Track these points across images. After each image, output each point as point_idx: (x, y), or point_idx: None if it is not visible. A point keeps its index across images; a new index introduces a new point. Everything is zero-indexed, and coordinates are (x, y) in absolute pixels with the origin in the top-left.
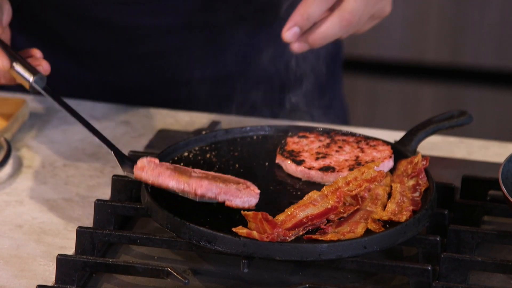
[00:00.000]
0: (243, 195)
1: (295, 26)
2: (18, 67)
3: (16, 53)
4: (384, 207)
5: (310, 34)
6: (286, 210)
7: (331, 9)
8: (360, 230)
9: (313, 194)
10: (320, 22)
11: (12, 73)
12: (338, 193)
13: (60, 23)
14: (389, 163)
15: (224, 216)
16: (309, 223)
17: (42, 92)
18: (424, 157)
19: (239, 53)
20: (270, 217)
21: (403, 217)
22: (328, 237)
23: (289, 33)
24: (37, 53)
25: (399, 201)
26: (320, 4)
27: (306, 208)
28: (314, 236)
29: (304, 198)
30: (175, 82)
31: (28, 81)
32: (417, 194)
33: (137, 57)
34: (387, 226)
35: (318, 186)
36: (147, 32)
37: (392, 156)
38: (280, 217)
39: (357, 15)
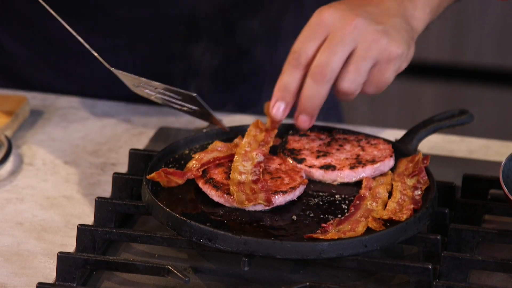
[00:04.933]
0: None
1: (277, 102)
2: None
3: None
4: (385, 205)
5: (299, 102)
6: (193, 155)
7: None
8: (361, 228)
9: (217, 143)
10: (302, 88)
11: None
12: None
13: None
14: (389, 162)
15: (225, 214)
16: (217, 162)
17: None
18: (424, 156)
19: (242, 47)
20: (171, 170)
21: (404, 216)
22: (329, 235)
23: (275, 110)
24: None
25: (400, 200)
26: (291, 72)
27: (212, 153)
28: (315, 235)
29: (210, 147)
30: (175, 78)
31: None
32: (418, 192)
33: (136, 46)
34: (388, 224)
35: (319, 184)
36: (149, 22)
37: (393, 155)
38: (190, 163)
39: (328, 66)
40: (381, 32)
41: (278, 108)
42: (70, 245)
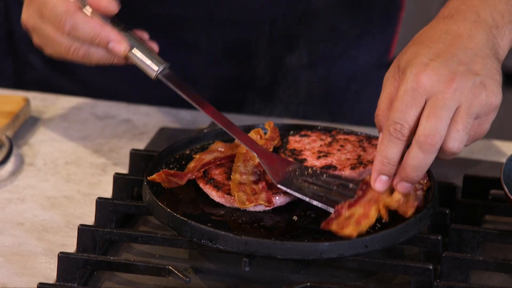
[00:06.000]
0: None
1: (379, 176)
2: (141, 54)
3: (135, 37)
4: (391, 192)
5: (402, 170)
6: (194, 155)
7: None
8: (373, 213)
9: (217, 144)
10: (405, 155)
11: (131, 59)
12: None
13: None
14: None
15: (226, 214)
16: (218, 162)
17: (167, 82)
18: None
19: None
20: (172, 171)
21: (409, 211)
22: (347, 230)
23: (378, 184)
24: (144, 34)
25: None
26: (393, 144)
27: (212, 153)
28: (329, 224)
29: (210, 147)
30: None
31: (154, 71)
32: (419, 192)
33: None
34: (391, 221)
35: None
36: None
37: None
38: (191, 164)
39: (437, 134)
40: (479, 86)
41: (380, 182)
42: (71, 245)
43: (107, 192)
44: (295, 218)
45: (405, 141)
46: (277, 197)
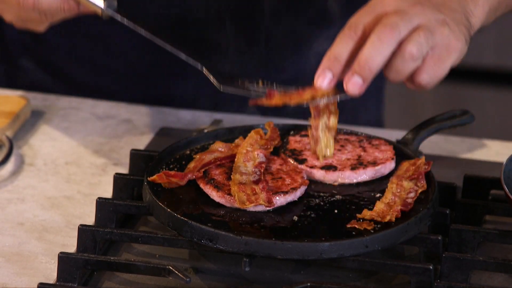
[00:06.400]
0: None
1: (325, 71)
2: None
3: None
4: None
5: (355, 62)
6: (194, 155)
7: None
8: (307, 96)
9: (218, 144)
10: (361, 48)
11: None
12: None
13: None
14: (391, 165)
15: (226, 214)
16: (218, 163)
17: (116, 16)
18: (427, 161)
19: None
20: (172, 172)
21: (387, 217)
22: (274, 100)
23: (321, 79)
24: None
25: (390, 201)
26: (344, 41)
27: (213, 153)
28: (257, 101)
29: (210, 147)
30: (180, 77)
31: (99, 7)
32: (411, 195)
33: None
34: (392, 222)
35: (320, 184)
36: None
37: (394, 157)
38: (191, 164)
39: (395, 26)
40: (442, 22)
41: (324, 78)
42: (71, 245)
43: (107, 192)
44: (295, 218)
45: (356, 40)
46: (277, 197)
